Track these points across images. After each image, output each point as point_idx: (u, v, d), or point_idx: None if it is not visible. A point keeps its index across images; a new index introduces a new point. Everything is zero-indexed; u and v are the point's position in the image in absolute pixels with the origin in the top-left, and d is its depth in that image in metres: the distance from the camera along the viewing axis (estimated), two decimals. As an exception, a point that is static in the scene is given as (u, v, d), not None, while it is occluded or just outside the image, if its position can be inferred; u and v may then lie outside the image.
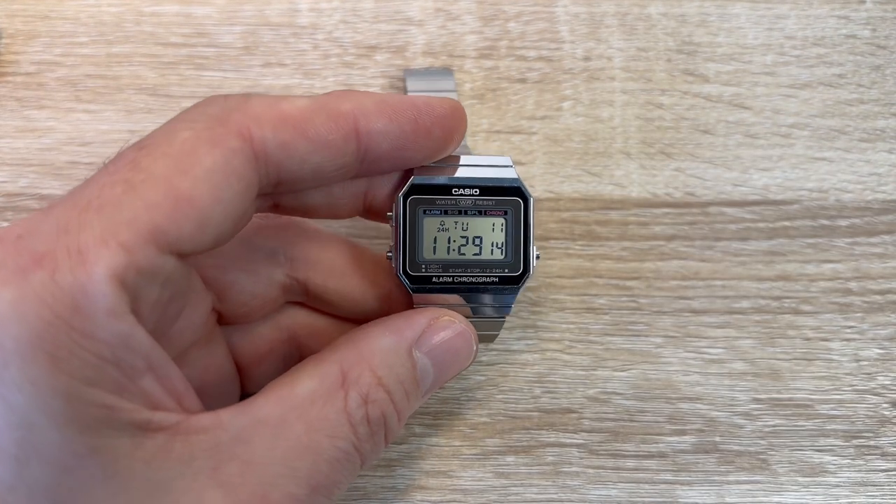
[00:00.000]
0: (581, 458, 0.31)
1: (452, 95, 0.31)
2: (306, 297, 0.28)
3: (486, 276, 0.26)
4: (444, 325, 0.26)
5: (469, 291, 0.27)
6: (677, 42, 0.37)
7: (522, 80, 0.36)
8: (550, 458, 0.31)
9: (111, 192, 0.20)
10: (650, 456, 0.31)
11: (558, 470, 0.31)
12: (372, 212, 0.27)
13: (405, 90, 0.34)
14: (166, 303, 0.21)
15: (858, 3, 0.38)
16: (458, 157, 0.27)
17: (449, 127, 0.25)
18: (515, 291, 0.27)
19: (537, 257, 0.27)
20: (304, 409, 0.22)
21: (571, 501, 0.30)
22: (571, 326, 0.33)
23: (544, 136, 0.35)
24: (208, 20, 0.37)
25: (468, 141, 0.36)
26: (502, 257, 0.26)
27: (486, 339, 0.29)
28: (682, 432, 0.31)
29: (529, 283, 0.33)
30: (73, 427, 0.19)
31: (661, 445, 0.31)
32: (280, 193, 0.25)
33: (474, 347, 0.26)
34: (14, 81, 0.36)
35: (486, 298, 0.27)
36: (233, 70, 0.36)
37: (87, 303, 0.19)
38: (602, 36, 0.37)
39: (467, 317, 0.27)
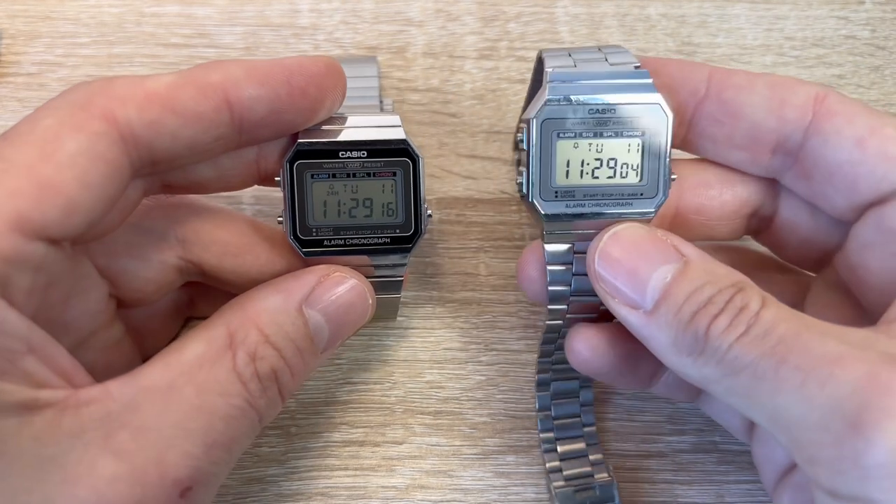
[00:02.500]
0: (581, 458, 0.31)
1: (373, 82, 0.31)
2: (203, 277, 0.28)
3: (378, 238, 0.27)
4: (335, 281, 0.26)
5: (361, 254, 0.27)
6: (677, 43, 0.37)
7: (523, 81, 0.36)
8: (550, 457, 0.31)
9: None
10: (650, 455, 0.31)
11: (558, 469, 0.31)
12: (267, 179, 0.27)
13: None
14: (45, 288, 0.21)
15: (858, 3, 0.38)
16: (344, 119, 0.26)
17: (324, 85, 0.24)
18: (408, 251, 0.27)
19: (429, 216, 0.27)
20: (192, 374, 0.23)
21: (571, 501, 0.30)
22: (571, 326, 0.33)
23: (544, 136, 0.35)
24: (209, 21, 0.37)
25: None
26: (393, 218, 0.27)
27: (388, 306, 0.29)
28: (682, 432, 0.32)
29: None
30: None
31: (660, 445, 0.31)
32: (163, 172, 0.24)
33: (370, 301, 0.27)
34: (15, 82, 0.36)
35: (380, 259, 0.27)
36: (233, 71, 0.36)
37: None
38: (602, 36, 0.37)
39: (367, 277, 0.27)
